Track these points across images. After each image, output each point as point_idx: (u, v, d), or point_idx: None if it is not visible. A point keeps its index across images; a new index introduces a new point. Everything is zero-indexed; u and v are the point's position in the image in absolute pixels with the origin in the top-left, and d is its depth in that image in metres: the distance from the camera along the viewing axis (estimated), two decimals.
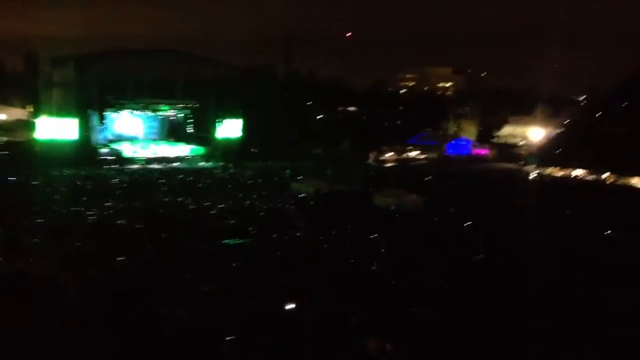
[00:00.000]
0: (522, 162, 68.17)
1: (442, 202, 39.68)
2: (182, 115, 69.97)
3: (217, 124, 67.59)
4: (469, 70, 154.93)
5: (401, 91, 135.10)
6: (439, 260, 26.05)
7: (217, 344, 17.20)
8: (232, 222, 33.14)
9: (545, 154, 67.61)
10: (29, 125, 72.01)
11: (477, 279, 23.80)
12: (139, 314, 18.98)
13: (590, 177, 58.09)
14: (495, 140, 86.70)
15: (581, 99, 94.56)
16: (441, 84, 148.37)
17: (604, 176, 57.22)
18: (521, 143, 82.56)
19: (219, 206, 37.88)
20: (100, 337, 17.40)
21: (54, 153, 55.31)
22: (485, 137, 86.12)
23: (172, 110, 69.31)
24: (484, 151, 78.12)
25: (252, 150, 66.61)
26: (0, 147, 63.47)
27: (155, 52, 69.46)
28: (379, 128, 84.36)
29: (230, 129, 68.19)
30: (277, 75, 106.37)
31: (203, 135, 68.05)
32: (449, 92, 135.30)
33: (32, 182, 44.85)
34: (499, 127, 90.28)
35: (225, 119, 67.72)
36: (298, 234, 30.99)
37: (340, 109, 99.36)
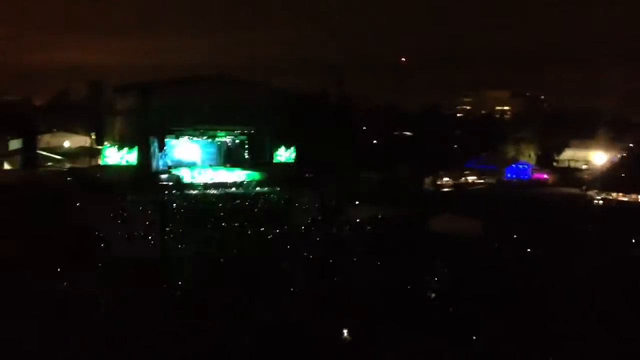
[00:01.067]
0: (584, 187, 66.26)
1: (502, 228, 38.78)
2: (239, 140, 71.12)
3: (272, 149, 68.41)
4: (528, 93, 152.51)
5: (458, 115, 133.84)
6: (498, 288, 25.39)
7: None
8: (288, 247, 33.21)
9: (609, 179, 65.60)
10: (92, 152, 74.39)
11: (540, 306, 23.05)
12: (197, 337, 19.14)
13: None
14: (555, 164, 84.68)
15: None
16: (499, 107, 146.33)
17: None
18: (583, 167, 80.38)
19: (275, 231, 38.03)
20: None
21: (116, 179, 56.82)
22: (545, 161, 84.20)
23: (229, 136, 70.55)
24: (544, 175, 76.35)
25: (308, 175, 66.91)
26: (64, 173, 65.61)
27: (213, 79, 70.91)
28: (436, 152, 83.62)
29: (285, 153, 68.90)
30: (331, 99, 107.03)
31: (259, 161, 68.90)
32: (507, 115, 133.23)
33: (96, 208, 46.03)
34: (560, 151, 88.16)
35: (280, 143, 68.50)
36: (355, 259, 30.79)
37: (395, 133, 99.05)
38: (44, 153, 77.46)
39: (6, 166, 74.77)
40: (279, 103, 68.66)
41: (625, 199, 58.50)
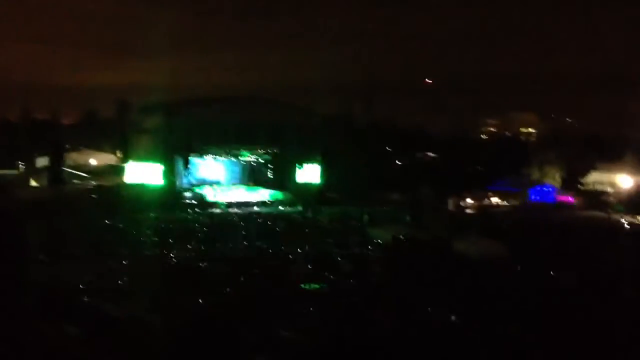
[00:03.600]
0: (610, 210, 65.26)
1: (526, 251, 38.28)
2: (263, 160, 71.37)
3: (296, 169, 68.48)
4: (553, 116, 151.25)
5: (483, 136, 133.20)
6: (524, 313, 24.97)
7: None
8: (309, 267, 33.13)
9: (635, 202, 64.63)
10: (118, 170, 75.17)
11: (565, 333, 22.60)
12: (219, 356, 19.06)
13: None
14: (581, 187, 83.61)
15: None
16: (524, 130, 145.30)
17: None
18: (609, 190, 79.22)
19: (297, 251, 37.99)
20: None
21: (141, 197, 57.26)
22: (570, 184, 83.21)
23: (253, 155, 70.81)
24: (569, 198, 75.41)
25: (331, 195, 66.83)
26: (91, 191, 66.31)
27: (237, 98, 71.62)
28: (459, 174, 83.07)
29: (309, 174, 68.91)
30: (356, 121, 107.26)
31: (282, 180, 69.02)
32: (532, 138, 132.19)
33: (119, 225, 46.45)
34: (586, 174, 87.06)
35: (304, 164, 68.56)
36: (375, 280, 30.61)
37: (419, 154, 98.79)
38: (71, 170, 78.46)
39: (33, 183, 75.86)
40: (305, 123, 68.88)
41: None
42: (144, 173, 62.11)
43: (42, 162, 79.84)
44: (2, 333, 19.74)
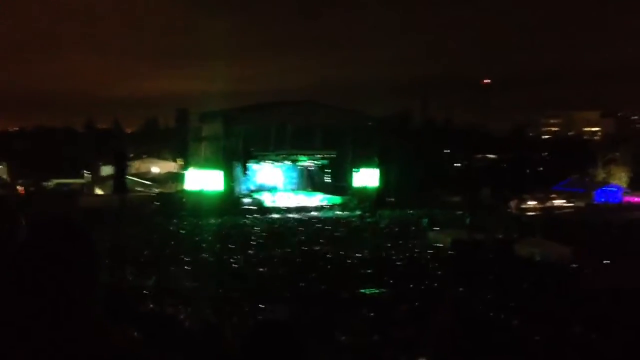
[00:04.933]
0: None
1: (592, 254, 37.10)
2: (320, 164, 71.58)
3: (353, 173, 68.41)
4: (619, 114, 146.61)
5: (544, 136, 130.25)
6: (590, 317, 24.19)
7: None
8: (368, 271, 32.97)
9: None
10: (178, 177, 76.83)
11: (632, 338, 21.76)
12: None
13: None
14: None
15: None
16: (588, 128, 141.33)
17: None
18: None
19: (356, 255, 37.90)
20: None
21: (201, 203, 58.35)
22: (638, 184, 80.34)
23: (310, 160, 71.12)
24: (637, 199, 72.78)
25: (389, 199, 66.47)
26: (153, 198, 67.96)
27: (294, 104, 72.14)
28: (521, 175, 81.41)
29: (366, 177, 68.74)
30: (413, 122, 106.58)
31: (340, 185, 69.06)
32: (596, 137, 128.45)
33: (181, 231, 47.45)
34: None
35: (361, 167, 68.44)
36: (435, 284, 30.19)
37: (478, 155, 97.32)
38: (134, 178, 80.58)
39: (98, 191, 78.32)
40: (361, 126, 68.81)
41: None
42: (203, 180, 63.24)
43: (106, 170, 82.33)
44: (69, 338, 20.29)
